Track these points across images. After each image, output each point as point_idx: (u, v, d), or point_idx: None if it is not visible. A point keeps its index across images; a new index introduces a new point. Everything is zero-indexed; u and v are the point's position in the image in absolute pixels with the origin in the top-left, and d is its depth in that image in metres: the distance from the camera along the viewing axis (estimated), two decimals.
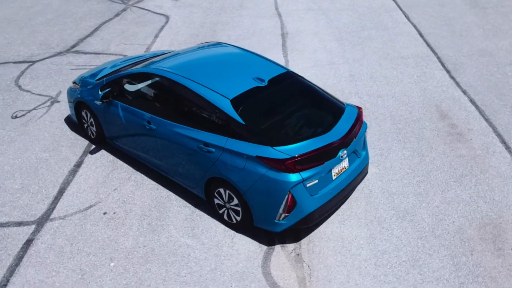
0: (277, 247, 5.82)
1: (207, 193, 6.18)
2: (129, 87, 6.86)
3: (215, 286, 5.34)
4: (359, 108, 6.21)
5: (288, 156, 5.35)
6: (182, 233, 6.03)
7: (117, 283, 5.41)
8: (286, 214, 5.52)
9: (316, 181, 5.52)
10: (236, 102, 5.77)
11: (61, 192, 6.76)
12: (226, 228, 6.10)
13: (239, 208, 5.84)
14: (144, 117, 6.54)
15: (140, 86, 6.73)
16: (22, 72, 10.06)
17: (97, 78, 7.47)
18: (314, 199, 5.56)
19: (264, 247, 5.82)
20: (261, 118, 5.77)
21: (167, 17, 12.65)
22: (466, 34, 11.15)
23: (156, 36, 11.53)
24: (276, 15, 12.48)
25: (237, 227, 6.04)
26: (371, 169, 6.88)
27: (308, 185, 5.46)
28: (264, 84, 6.06)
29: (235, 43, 10.97)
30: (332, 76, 9.36)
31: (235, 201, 5.83)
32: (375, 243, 5.74)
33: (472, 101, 8.38)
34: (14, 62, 10.52)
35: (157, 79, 6.47)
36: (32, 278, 5.49)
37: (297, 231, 5.98)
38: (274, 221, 5.58)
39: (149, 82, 6.62)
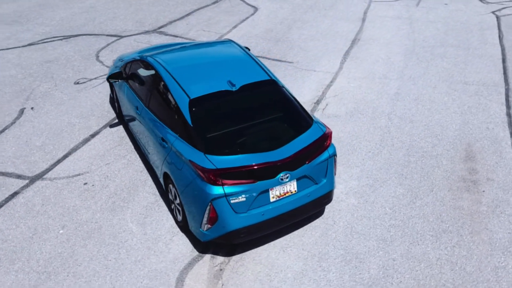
0: (207, 256, 5.37)
1: (165, 186, 5.97)
2: (135, 72, 6.87)
3: (128, 278, 5.14)
4: (327, 131, 5.35)
5: (213, 167, 4.85)
6: (134, 219, 5.91)
7: (53, 250, 5.52)
8: (209, 226, 5.05)
9: (244, 199, 4.92)
10: (194, 102, 5.39)
11: (65, 156, 7.10)
12: (174, 225, 5.81)
13: (180, 208, 5.52)
14: (135, 102, 6.52)
15: (140, 72, 6.70)
16: (108, 45, 10.76)
17: (123, 59, 7.64)
18: (240, 217, 4.97)
19: (195, 253, 5.42)
20: (210, 123, 5.29)
21: (256, 9, 12.40)
22: None
23: (235, 26, 11.38)
24: (360, 20, 11.40)
25: (180, 227, 5.74)
26: (350, 199, 5.94)
27: (232, 201, 4.89)
28: (234, 88, 5.55)
29: (304, 43, 10.33)
30: (375, 91, 8.26)
31: (178, 200, 5.51)
32: (301, 281, 4.95)
33: None
34: (107, 35, 11.29)
35: (150, 68, 6.36)
36: None
37: (236, 245, 5.46)
38: (200, 229, 5.16)
39: (146, 69, 6.55)
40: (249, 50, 7.52)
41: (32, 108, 8.36)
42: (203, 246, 5.48)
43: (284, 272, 5.07)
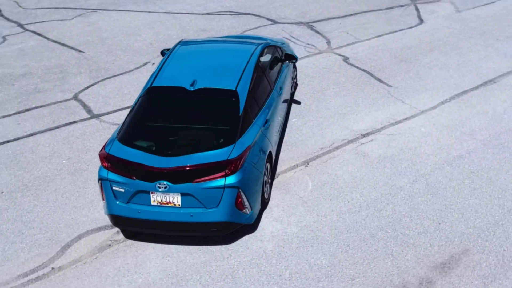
0: (114, 230, 5.34)
1: None
2: None
3: (55, 217, 5.52)
4: (230, 159, 4.44)
5: (107, 152, 4.76)
6: None
7: (44, 173, 6.23)
8: (104, 202, 5.01)
9: (122, 190, 4.71)
10: (149, 90, 5.36)
11: (126, 108, 7.76)
12: None
13: None
14: None
15: None
16: (257, 27, 10.86)
17: None
18: (118, 206, 4.83)
19: (109, 223, 5.42)
20: (145, 113, 5.18)
21: (420, 23, 10.42)
22: None
23: (378, 36, 9.87)
24: None
25: None
26: (269, 243, 4.87)
27: (114, 188, 4.78)
28: (192, 89, 5.16)
29: (426, 70, 8.35)
30: (439, 145, 6.19)
31: None
32: None
33: None
34: (267, 19, 11.33)
35: None
36: (31, 143, 6.90)
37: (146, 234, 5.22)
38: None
39: None
40: (295, 60, 6.69)
41: (153, 64, 9.37)
42: None
43: (139, 275, 4.69)
